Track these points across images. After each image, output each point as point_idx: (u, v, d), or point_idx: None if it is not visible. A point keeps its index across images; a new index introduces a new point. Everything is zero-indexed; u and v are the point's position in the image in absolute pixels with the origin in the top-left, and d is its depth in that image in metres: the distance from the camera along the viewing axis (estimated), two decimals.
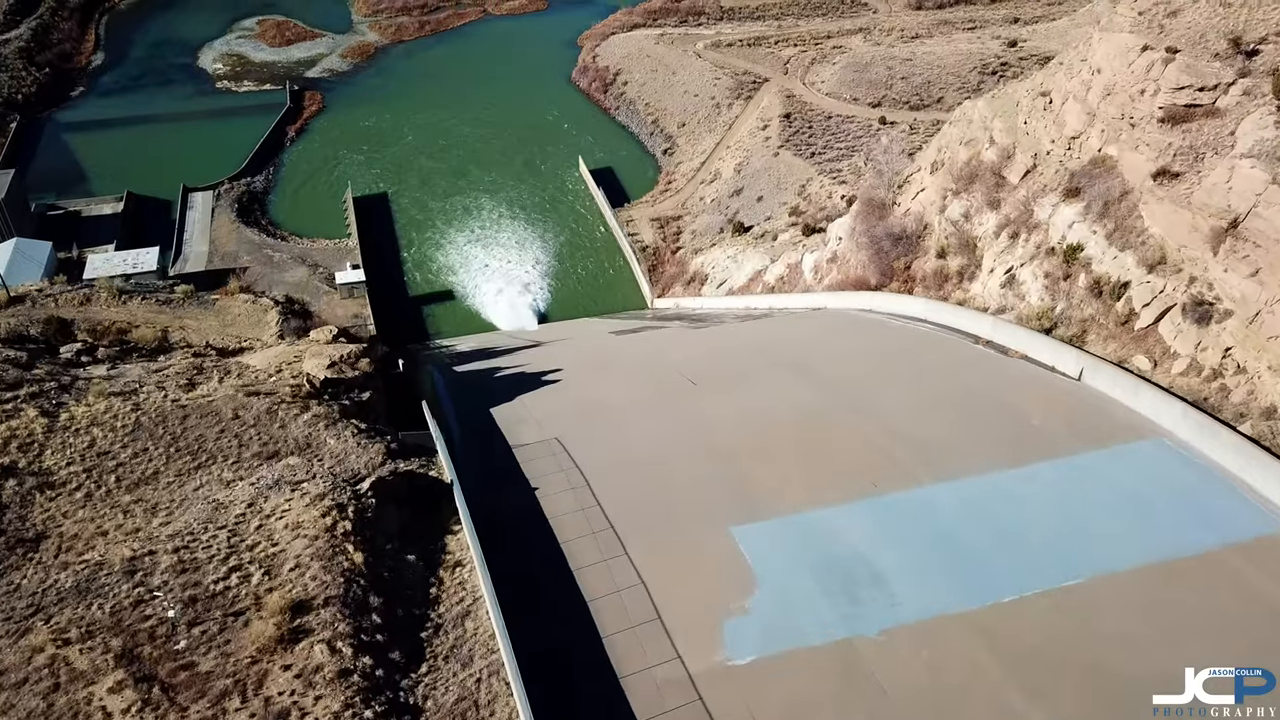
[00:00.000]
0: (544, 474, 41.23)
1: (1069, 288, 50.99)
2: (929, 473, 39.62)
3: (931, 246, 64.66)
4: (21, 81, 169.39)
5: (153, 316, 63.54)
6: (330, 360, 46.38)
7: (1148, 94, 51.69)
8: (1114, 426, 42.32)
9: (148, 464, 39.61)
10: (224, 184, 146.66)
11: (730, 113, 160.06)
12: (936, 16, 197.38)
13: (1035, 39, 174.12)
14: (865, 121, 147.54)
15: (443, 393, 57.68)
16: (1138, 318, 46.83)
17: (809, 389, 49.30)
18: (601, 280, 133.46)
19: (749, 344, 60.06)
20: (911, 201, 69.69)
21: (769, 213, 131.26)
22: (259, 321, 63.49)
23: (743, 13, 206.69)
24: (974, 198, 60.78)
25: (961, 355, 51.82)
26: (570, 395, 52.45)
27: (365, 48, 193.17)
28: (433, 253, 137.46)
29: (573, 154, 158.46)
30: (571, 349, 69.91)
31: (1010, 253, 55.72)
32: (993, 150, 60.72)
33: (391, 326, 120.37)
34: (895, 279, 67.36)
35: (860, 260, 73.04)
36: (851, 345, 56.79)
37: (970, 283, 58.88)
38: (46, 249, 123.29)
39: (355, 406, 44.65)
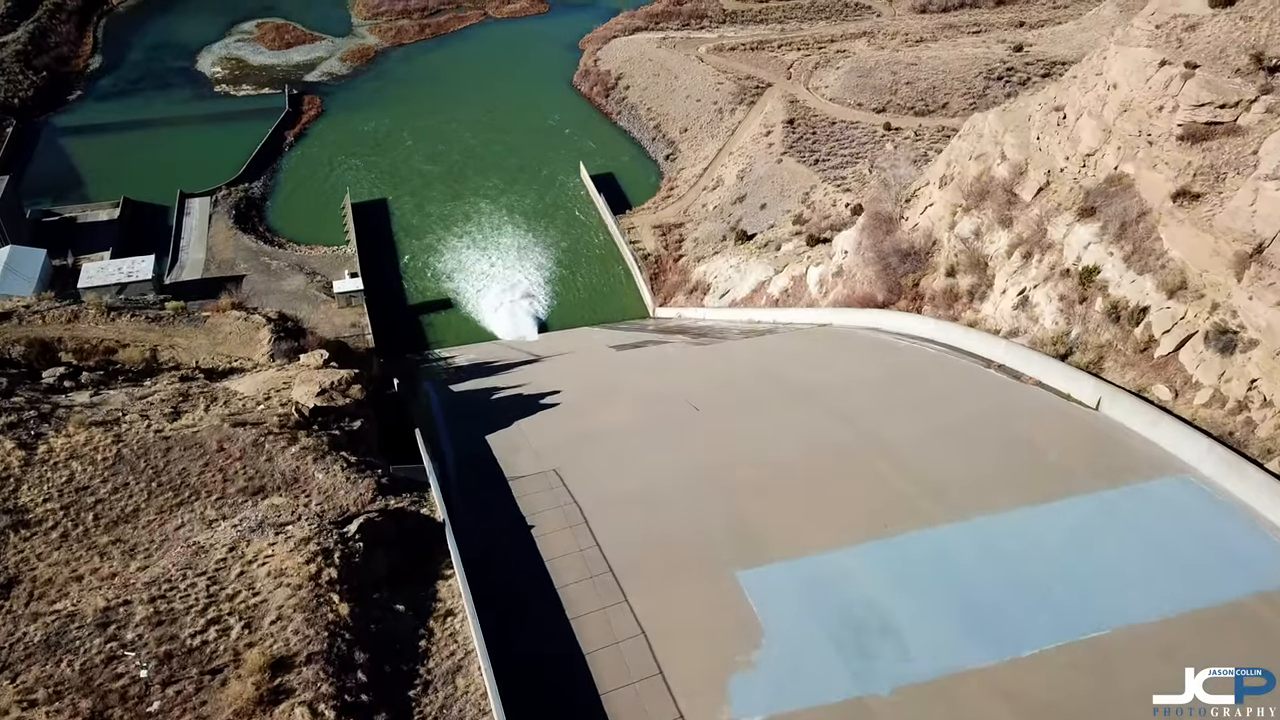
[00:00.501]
0: (541, 510, 39.62)
1: (1085, 311, 49.30)
2: (942, 512, 37.95)
3: (940, 264, 62.97)
4: (18, 85, 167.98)
5: (142, 335, 61.91)
6: (320, 387, 44.79)
7: (1166, 111, 49.97)
8: (1134, 461, 40.65)
9: (128, 500, 38.02)
10: (221, 190, 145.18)
11: (733, 118, 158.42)
12: (941, 20, 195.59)
13: (1041, 43, 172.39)
14: (870, 128, 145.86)
15: (438, 415, 56.08)
16: (1157, 345, 45.14)
17: (815, 417, 47.65)
18: (603, 288, 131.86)
19: (753, 367, 58.46)
20: (920, 216, 68.01)
21: (772, 220, 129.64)
22: (250, 340, 61.87)
23: (745, 16, 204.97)
24: (985, 215, 59.10)
25: (974, 381, 50.15)
26: (568, 422, 50.82)
27: (365, 51, 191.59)
28: (432, 260, 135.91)
29: (574, 159, 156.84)
30: (571, 367, 68.28)
31: (1023, 273, 54.03)
32: (1004, 166, 59.03)
33: (390, 335, 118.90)
34: (903, 296, 65.68)
35: (867, 276, 71.37)
36: (859, 368, 55.11)
37: (981, 303, 57.19)
38: (40, 257, 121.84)
39: (345, 437, 43.04)
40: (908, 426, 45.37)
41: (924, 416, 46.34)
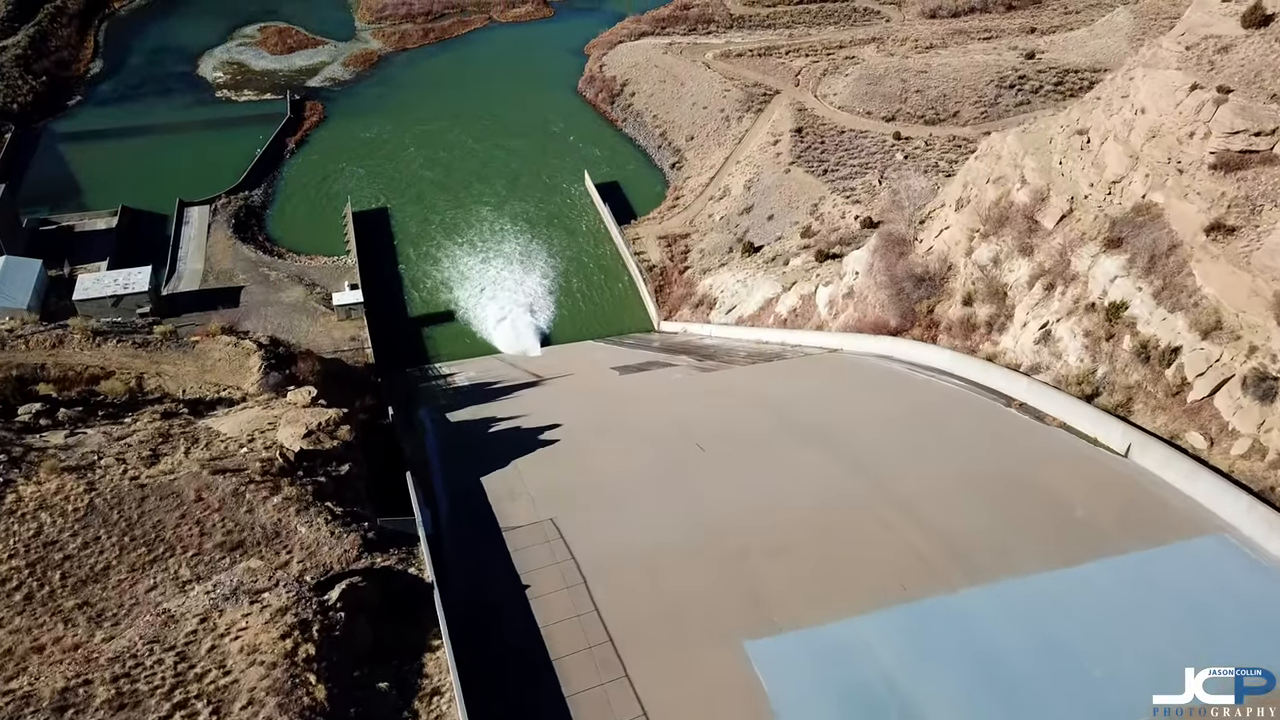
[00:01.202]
0: (537, 567, 37.29)
1: (1112, 349, 46.84)
2: (964, 574, 35.56)
3: (957, 291, 60.52)
4: (17, 90, 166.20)
5: (128, 361, 59.75)
6: (307, 428, 42.55)
7: (1197, 137, 47.54)
8: (1170, 518, 38.20)
9: (98, 557, 35.81)
10: (221, 198, 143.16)
11: (740, 126, 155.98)
12: (951, 26, 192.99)
13: (1054, 50, 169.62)
14: (879, 137, 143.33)
15: (433, 450, 53.78)
16: (1190, 388, 42.69)
17: (828, 463, 45.22)
18: (607, 301, 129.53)
19: (762, 400, 56.09)
20: (934, 240, 65.57)
21: (780, 232, 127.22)
22: (240, 367, 59.66)
23: (752, 21, 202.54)
24: (1004, 242, 56.65)
25: (995, 422, 47.73)
26: (567, 463, 48.42)
27: (368, 56, 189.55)
28: (433, 270, 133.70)
29: (578, 167, 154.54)
30: (571, 393, 65.91)
31: (1045, 306, 51.57)
32: (1024, 191, 56.56)
33: (390, 349, 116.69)
34: (917, 323, 63.25)
35: (879, 300, 68.94)
36: (873, 406, 52.68)
37: (1000, 335, 54.74)
38: (36, 267, 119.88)
39: (332, 483, 40.78)
40: (926, 475, 42.95)
41: (943, 464, 43.92)
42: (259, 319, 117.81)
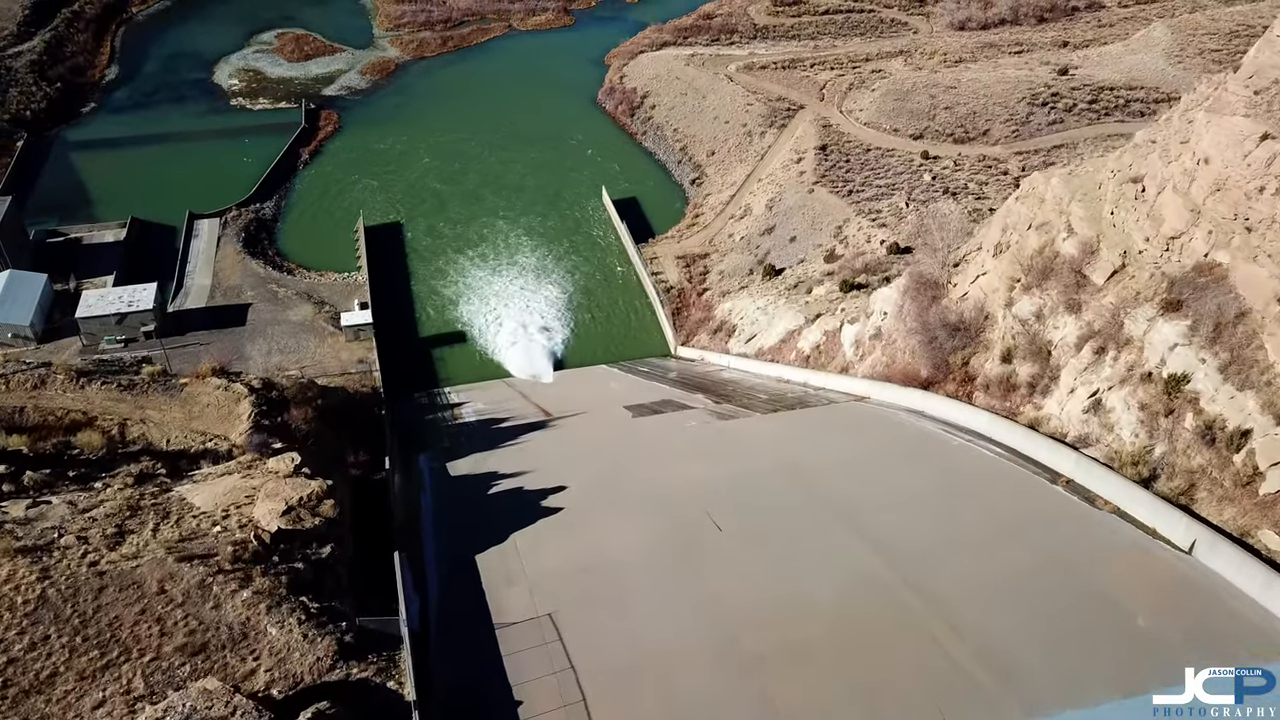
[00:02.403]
0: (532, 678, 33.48)
1: (1172, 427, 42.55)
2: (1014, 700, 31.44)
3: (995, 344, 56.28)
4: (31, 97, 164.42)
5: (112, 405, 56.46)
6: (286, 504, 38.96)
7: (1269, 193, 43.16)
8: (1241, 632, 33.95)
9: (45, 661, 32.33)
10: (231, 210, 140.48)
11: (763, 142, 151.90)
12: (980, 38, 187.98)
13: (1087, 66, 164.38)
14: (907, 156, 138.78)
15: (427, 513, 50.14)
16: (1263, 479, 38.37)
17: (856, 549, 41.15)
18: (622, 323, 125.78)
19: (784, 463, 52.03)
20: (970, 285, 61.33)
21: (802, 255, 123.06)
22: (229, 414, 56.26)
23: (777, 31, 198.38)
24: (1048, 295, 52.37)
25: (1041, 503, 43.50)
26: (571, 540, 44.43)
27: (385, 64, 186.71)
28: (445, 288, 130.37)
29: (596, 181, 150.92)
30: (580, 442, 61.97)
31: (1095, 371, 47.29)
32: (1071, 242, 52.23)
33: (399, 371, 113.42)
34: (950, 375, 59.08)
35: (909, 346, 64.80)
36: (905, 475, 48.47)
37: (1044, 398, 50.48)
38: (41, 282, 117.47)
39: (310, 570, 37.14)
40: (966, 567, 38.85)
41: (984, 553, 39.77)
42: (265, 339, 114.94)
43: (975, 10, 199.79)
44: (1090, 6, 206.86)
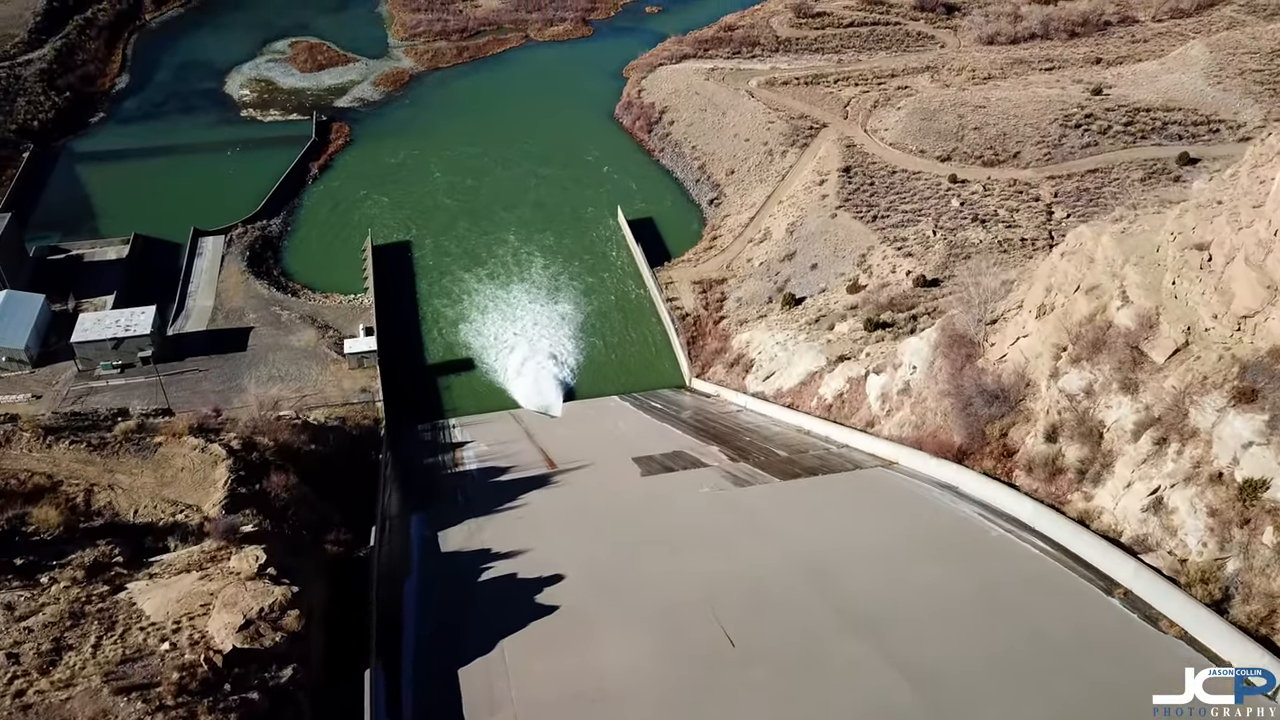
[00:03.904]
0: None
1: (1247, 540, 37.64)
2: None
3: (1038, 417, 51.39)
4: (39, 106, 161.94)
5: (79, 468, 52.55)
6: (245, 617, 34.70)
7: None
8: None
9: None
10: (237, 227, 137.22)
11: (784, 161, 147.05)
12: (1010, 54, 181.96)
13: (1122, 85, 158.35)
14: (933, 179, 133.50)
15: (410, 604, 45.74)
16: None
17: (884, 676, 36.48)
18: (635, 350, 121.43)
19: (804, 556, 47.20)
20: (1009, 347, 56.46)
21: (824, 283, 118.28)
22: (204, 480, 52.23)
23: (800, 44, 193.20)
24: (1100, 370, 47.46)
25: (1096, 619, 38.75)
26: (565, 658, 39.41)
27: (399, 75, 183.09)
28: (453, 311, 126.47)
29: (611, 200, 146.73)
30: (583, 510, 57.23)
31: (1156, 465, 42.38)
32: (1127, 313, 47.28)
33: (403, 399, 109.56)
34: (987, 447, 54.32)
35: (941, 409, 60.02)
36: (941, 579, 43.60)
37: (1095, 487, 45.58)
38: (38, 303, 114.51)
39: (266, 700, 32.74)
40: (1010, 703, 34.02)
41: (1032, 686, 35.05)
42: (266, 365, 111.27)
43: (1004, 24, 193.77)
44: (1123, 21, 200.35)
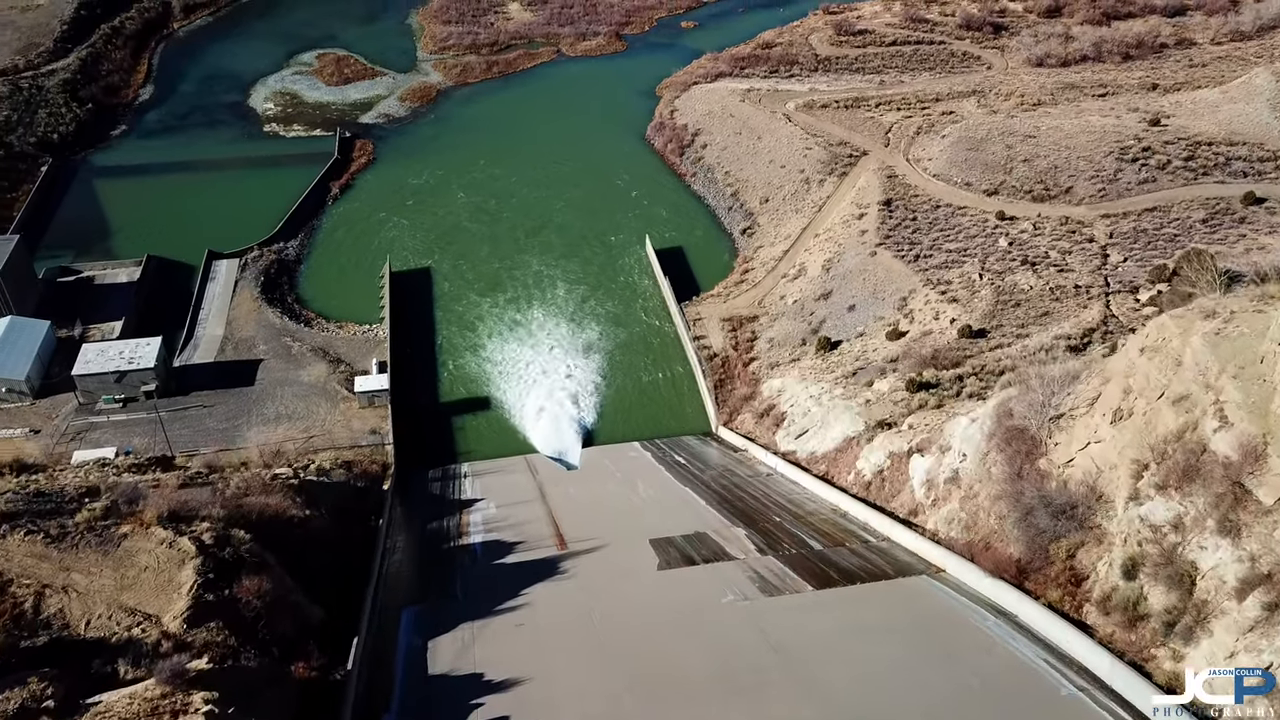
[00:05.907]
0: None
1: None
2: None
3: (1114, 544, 44.67)
4: (60, 119, 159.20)
5: (33, 565, 47.56)
6: None
7: None
8: None
9: None
10: (253, 250, 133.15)
11: (821, 191, 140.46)
12: (1060, 78, 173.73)
13: (1181, 115, 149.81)
14: (980, 215, 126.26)
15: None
16: None
17: None
18: (659, 392, 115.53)
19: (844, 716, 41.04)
20: (1078, 452, 49.75)
21: (862, 327, 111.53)
22: (168, 583, 47.00)
23: (840, 64, 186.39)
24: (1192, 502, 40.74)
25: None
26: None
27: (426, 90, 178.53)
28: (471, 343, 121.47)
29: (639, 227, 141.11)
30: (589, 640, 50.60)
31: (1267, 635, 35.56)
32: (1225, 437, 40.46)
33: (414, 440, 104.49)
34: (1051, 569, 47.70)
35: (997, 511, 53.48)
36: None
37: (1187, 646, 38.79)
38: (43, 329, 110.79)
39: None
40: None
41: None
42: (274, 402, 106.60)
43: (1055, 45, 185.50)
44: (1180, 44, 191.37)
